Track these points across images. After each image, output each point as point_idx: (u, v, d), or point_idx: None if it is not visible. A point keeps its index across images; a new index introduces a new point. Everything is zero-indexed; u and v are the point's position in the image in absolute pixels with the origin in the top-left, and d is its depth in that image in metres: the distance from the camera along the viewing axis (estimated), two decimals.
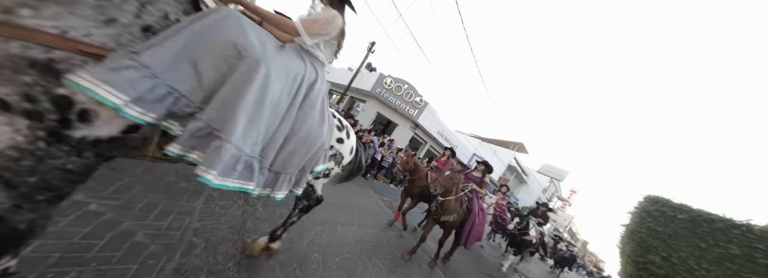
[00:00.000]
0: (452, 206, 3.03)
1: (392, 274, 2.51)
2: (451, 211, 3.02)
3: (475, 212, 3.23)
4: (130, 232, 1.38)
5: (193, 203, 1.92)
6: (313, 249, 2.21)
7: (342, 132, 1.51)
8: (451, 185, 2.94)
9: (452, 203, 3.03)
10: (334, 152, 1.49)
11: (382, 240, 3.21)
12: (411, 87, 10.58)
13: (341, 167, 1.64)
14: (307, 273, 1.89)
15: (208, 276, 1.41)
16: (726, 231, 6.78)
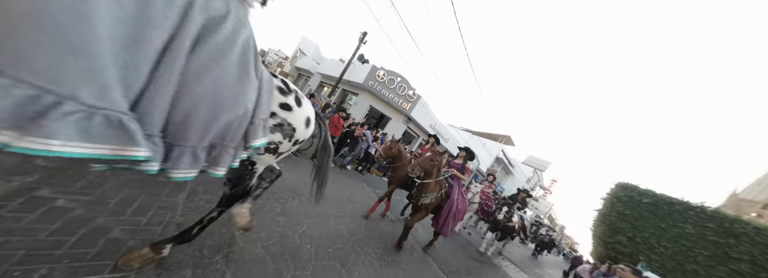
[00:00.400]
0: (431, 188, 2.93)
1: (383, 261, 2.57)
2: (429, 193, 2.93)
3: (453, 198, 3.10)
4: (105, 228, 1.30)
5: (175, 198, 1.84)
6: (305, 241, 2.20)
7: (288, 97, 1.18)
8: (430, 167, 2.83)
9: (431, 185, 2.93)
10: (279, 121, 1.16)
11: (374, 230, 3.26)
12: (404, 80, 10.49)
13: (295, 142, 1.30)
14: (300, 263, 1.89)
15: (194, 270, 1.37)
16: (683, 213, 7.61)
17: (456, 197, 3.14)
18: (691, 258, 7.11)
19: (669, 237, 7.55)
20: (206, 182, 2.28)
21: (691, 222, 7.38)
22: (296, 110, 1.23)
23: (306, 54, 18.74)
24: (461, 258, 4.04)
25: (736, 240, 6.72)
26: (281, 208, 2.53)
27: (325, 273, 1.94)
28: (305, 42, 20.23)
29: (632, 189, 8.73)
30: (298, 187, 3.28)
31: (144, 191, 1.74)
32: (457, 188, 3.25)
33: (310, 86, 15.72)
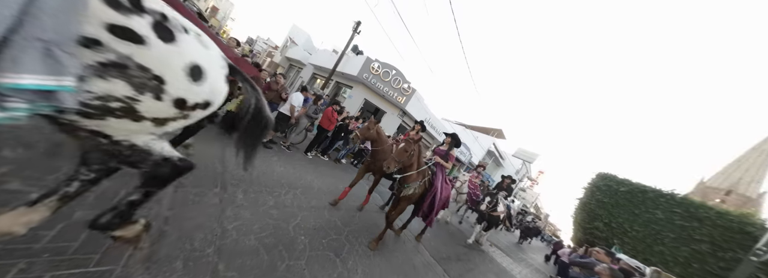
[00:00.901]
0: (413, 178, 2.73)
1: (377, 250, 2.63)
2: (411, 183, 2.73)
3: (436, 186, 2.91)
4: (86, 221, 1.24)
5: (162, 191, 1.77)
6: (299, 233, 2.21)
7: (132, 17, 0.69)
8: (407, 160, 2.58)
9: (413, 175, 2.73)
10: (114, 58, 0.68)
11: (369, 221, 3.31)
12: (399, 73, 10.32)
13: (180, 105, 0.83)
14: (294, 254, 1.90)
15: (185, 262, 1.35)
16: (655, 200, 8.25)
17: (440, 185, 2.97)
18: (659, 241, 7.78)
19: (641, 222, 8.20)
20: (194, 174, 2.21)
21: (662, 208, 8.03)
22: (157, 46, 0.73)
23: (297, 44, 17.95)
24: (452, 246, 4.21)
25: (699, 223, 7.39)
26: (274, 201, 2.50)
27: (320, 262, 1.97)
28: (296, 31, 19.36)
29: (611, 179, 9.32)
30: (292, 181, 3.25)
31: (126, 183, 1.66)
32: (441, 176, 3.06)
33: (302, 77, 15.20)
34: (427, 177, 2.89)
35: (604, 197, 9.13)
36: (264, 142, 4.11)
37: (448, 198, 3.37)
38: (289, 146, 4.71)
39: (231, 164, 2.82)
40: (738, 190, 25.55)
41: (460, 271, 3.33)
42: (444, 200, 3.16)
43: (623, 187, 8.94)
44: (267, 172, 3.12)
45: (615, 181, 9.24)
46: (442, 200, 3.07)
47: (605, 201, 9.06)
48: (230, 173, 2.61)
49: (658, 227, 7.95)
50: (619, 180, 9.21)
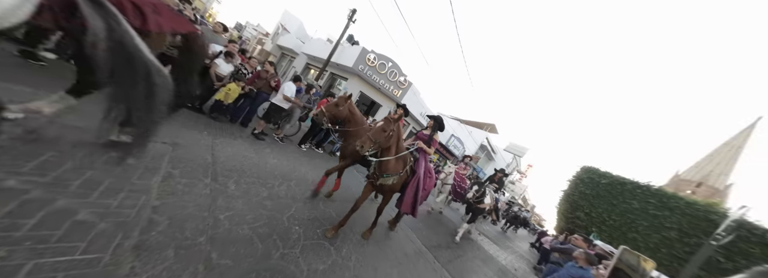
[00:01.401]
0: (393, 167, 2.39)
1: (371, 239, 2.70)
2: (391, 173, 2.39)
3: (419, 174, 2.62)
4: (69, 210, 1.20)
5: (148, 181, 1.73)
6: (294, 223, 2.22)
7: None
8: (384, 140, 2.19)
9: (393, 163, 2.38)
10: None
11: (363, 212, 3.37)
12: (395, 65, 10.09)
13: None
14: (288, 243, 1.92)
15: (176, 251, 1.34)
16: (632, 191, 8.77)
17: (423, 173, 2.67)
18: (633, 229, 8.37)
19: (618, 211, 8.76)
20: (183, 165, 2.15)
21: (638, 198, 8.58)
22: None
23: (289, 31, 17.19)
24: (442, 235, 4.37)
25: (670, 212, 7.97)
26: (268, 192, 2.49)
27: (315, 251, 2.00)
28: (288, 17, 18.47)
29: (594, 172, 9.80)
30: (286, 173, 3.23)
31: (110, 173, 1.61)
32: (424, 163, 2.74)
33: (295, 67, 14.68)
34: (409, 165, 2.58)
35: (586, 189, 9.62)
36: (256, 134, 4.02)
37: (431, 187, 3.06)
38: (282, 137, 4.63)
39: (222, 155, 2.77)
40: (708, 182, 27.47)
41: (449, 258, 3.48)
42: (427, 192, 2.88)
43: (604, 179, 9.43)
44: (260, 164, 3.07)
45: (597, 174, 9.73)
46: (425, 190, 2.80)
47: (587, 193, 9.57)
48: (221, 164, 2.56)
49: (634, 216, 8.52)
50: (601, 173, 9.69)
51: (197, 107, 3.81)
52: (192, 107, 3.71)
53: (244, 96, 4.11)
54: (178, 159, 2.21)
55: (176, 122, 2.94)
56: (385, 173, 2.41)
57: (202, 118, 3.64)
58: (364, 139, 2.12)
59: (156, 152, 2.13)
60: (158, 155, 2.10)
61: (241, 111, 4.24)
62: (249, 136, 3.93)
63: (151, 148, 2.14)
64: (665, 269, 7.33)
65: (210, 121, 3.70)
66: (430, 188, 2.98)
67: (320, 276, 1.78)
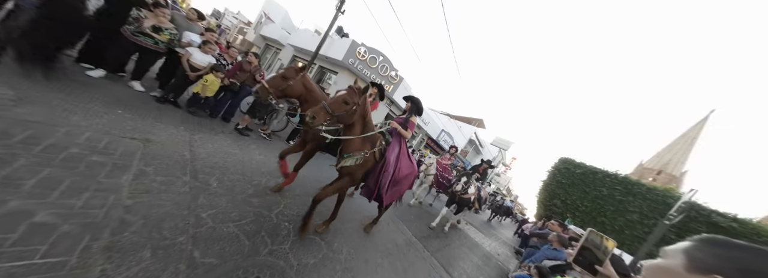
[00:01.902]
0: (356, 146, 1.97)
1: (362, 231, 2.72)
2: (353, 152, 1.96)
3: (390, 159, 2.17)
4: (25, 211, 1.08)
5: (118, 180, 1.59)
6: (283, 220, 2.17)
7: None
8: (346, 115, 1.76)
9: (356, 142, 1.96)
10: None
11: (355, 206, 3.37)
12: (386, 60, 9.87)
13: None
14: (277, 239, 1.88)
15: (154, 251, 1.27)
16: (602, 179, 9.56)
17: (395, 157, 2.23)
18: (602, 213, 9.20)
19: (590, 198, 9.57)
20: (157, 162, 2.01)
21: (606, 186, 9.39)
22: None
23: (273, 21, 16.24)
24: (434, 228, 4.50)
25: (633, 197, 8.82)
26: (254, 190, 2.40)
27: (305, 246, 1.98)
28: (271, 5, 17.39)
29: (570, 163, 10.54)
30: (273, 170, 3.12)
31: (72, 172, 1.46)
32: (398, 147, 2.32)
33: (281, 59, 13.97)
34: (378, 147, 2.10)
35: (562, 179, 10.36)
36: (239, 129, 3.83)
37: (411, 177, 2.62)
38: (269, 133, 4.45)
39: (202, 151, 2.61)
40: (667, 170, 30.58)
41: (438, 247, 3.61)
42: (404, 179, 2.46)
43: (579, 169, 10.19)
44: (245, 160, 2.95)
45: (572, 164, 10.47)
46: (402, 178, 2.39)
47: (563, 182, 10.31)
48: (202, 160, 2.42)
49: (602, 202, 9.35)
50: (576, 163, 10.45)
51: (171, 100, 3.53)
52: (164, 100, 3.43)
53: (225, 89, 3.88)
54: (152, 156, 2.05)
55: (148, 117, 2.72)
56: (347, 153, 1.97)
57: (178, 112, 3.39)
58: (318, 109, 1.64)
59: (125, 148, 1.96)
60: (128, 152, 1.94)
61: (222, 105, 4.00)
62: (232, 131, 3.73)
63: (119, 144, 1.97)
64: (627, 248, 8.18)
65: (187, 115, 3.46)
66: (409, 173, 2.51)
67: (311, 269, 1.77)
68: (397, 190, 2.48)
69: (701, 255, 0.41)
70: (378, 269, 2.22)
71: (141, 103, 3.03)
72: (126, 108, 2.65)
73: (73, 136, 1.77)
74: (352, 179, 2.08)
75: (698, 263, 0.40)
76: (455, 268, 3.20)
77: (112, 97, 2.75)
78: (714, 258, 0.39)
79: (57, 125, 1.80)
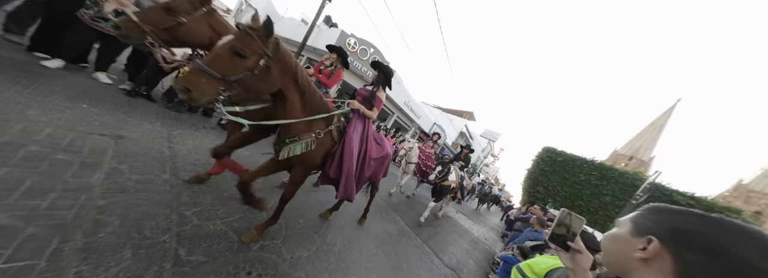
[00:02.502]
0: (299, 128, 1.47)
1: (356, 224, 2.75)
2: (298, 135, 1.47)
3: (352, 142, 1.69)
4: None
5: (88, 179, 1.48)
6: None
7: None
8: (249, 75, 1.08)
9: (302, 127, 1.48)
10: None
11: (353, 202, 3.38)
12: (377, 51, 9.58)
13: None
14: (269, 234, 1.86)
15: (134, 251, 1.21)
16: (581, 166, 10.22)
17: (357, 138, 1.76)
18: (579, 197, 9.94)
19: (569, 184, 10.27)
20: (132, 159, 1.88)
21: (584, 172, 10.08)
22: None
23: (255, 8, 15.21)
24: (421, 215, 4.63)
25: (607, 181, 9.55)
26: None
27: (298, 240, 1.98)
28: None
29: (552, 151, 11.15)
30: None
31: (34, 171, 1.33)
32: (361, 126, 1.82)
33: None
34: (336, 124, 1.64)
35: (545, 167, 10.98)
36: (223, 124, 3.64)
37: (385, 161, 2.20)
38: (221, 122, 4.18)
39: (183, 148, 2.47)
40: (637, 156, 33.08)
41: (429, 235, 3.73)
42: (377, 163, 2.04)
43: (560, 157, 10.82)
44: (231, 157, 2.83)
45: (554, 153, 11.09)
46: (374, 161, 1.96)
47: (545, 170, 10.94)
48: (183, 157, 2.30)
49: (580, 187, 10.06)
50: (557, 152, 11.07)
51: (144, 93, 3.27)
52: (136, 93, 3.17)
53: None
54: (125, 153, 1.92)
55: (118, 112, 2.51)
56: (288, 138, 1.45)
57: (153, 106, 3.16)
58: (192, 74, 0.97)
59: (94, 146, 1.81)
60: (98, 150, 1.79)
61: None
62: (215, 127, 3.55)
63: (86, 141, 1.82)
64: (600, 227, 8.93)
65: (163, 110, 3.23)
66: (383, 161, 2.13)
67: (305, 261, 1.78)
68: (370, 176, 2.06)
69: (643, 220, 0.45)
70: (372, 258, 2.27)
71: (109, 96, 2.79)
72: (92, 102, 2.43)
73: (30, 133, 1.61)
74: (306, 168, 1.62)
75: (640, 227, 0.45)
76: (446, 253, 3.35)
77: (74, 90, 2.50)
78: (652, 222, 0.44)
79: (11, 120, 1.62)
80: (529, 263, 1.96)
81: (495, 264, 3.60)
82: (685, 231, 0.40)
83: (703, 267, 0.37)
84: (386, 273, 2.16)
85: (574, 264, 0.58)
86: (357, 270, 1.99)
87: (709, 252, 0.37)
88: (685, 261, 0.39)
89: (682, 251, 0.39)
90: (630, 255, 0.44)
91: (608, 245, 0.50)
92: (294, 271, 1.64)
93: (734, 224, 0.38)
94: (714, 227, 0.39)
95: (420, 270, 2.50)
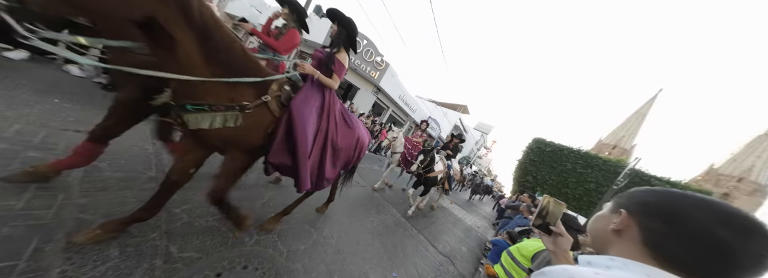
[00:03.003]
0: (207, 90, 1.03)
1: (351, 217, 2.77)
2: (205, 105, 1.03)
3: (303, 121, 1.29)
4: None
5: (65, 177, 1.40)
6: (269, 211, 2.12)
7: None
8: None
9: (211, 87, 1.03)
10: None
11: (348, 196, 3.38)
12: (371, 44, 9.21)
13: None
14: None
15: (122, 249, 1.17)
16: (568, 155, 10.62)
17: (312, 117, 1.37)
18: (565, 185, 10.42)
19: (556, 173, 10.72)
20: (112, 156, 1.79)
21: (570, 161, 10.52)
22: None
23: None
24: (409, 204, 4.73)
25: (591, 169, 10.02)
26: None
27: (293, 234, 1.97)
28: None
29: (541, 142, 11.52)
30: None
31: (3, 170, 1.24)
32: (317, 101, 1.42)
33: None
34: (274, 94, 1.24)
35: (534, 157, 11.37)
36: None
37: (358, 145, 1.82)
38: None
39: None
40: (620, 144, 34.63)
41: (425, 225, 3.83)
42: (346, 147, 1.66)
43: (548, 148, 11.20)
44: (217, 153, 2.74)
45: (544, 143, 11.47)
46: (338, 151, 1.59)
47: (535, 160, 11.33)
48: (167, 153, 2.21)
49: (566, 175, 10.53)
50: (546, 142, 11.45)
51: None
52: (114, 88, 2.99)
53: None
54: (105, 151, 1.82)
55: (94, 107, 2.36)
56: (190, 103, 1.03)
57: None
58: None
59: (69, 142, 1.71)
60: (72, 147, 1.70)
61: None
62: None
63: (60, 138, 1.71)
64: (584, 212, 9.46)
65: None
66: (358, 145, 1.78)
67: (302, 254, 1.79)
68: (343, 166, 1.73)
69: (620, 199, 0.51)
70: (368, 248, 2.31)
71: (83, 91, 2.62)
72: (64, 96, 2.27)
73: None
74: (240, 153, 1.25)
75: (616, 205, 0.51)
76: (440, 242, 3.45)
77: (44, 83, 2.33)
78: (625, 199, 0.50)
79: None
80: (517, 246, 2.07)
81: (486, 250, 3.76)
82: (649, 203, 0.45)
83: (663, 232, 0.41)
84: (383, 262, 2.21)
85: (556, 246, 0.64)
86: (354, 260, 2.02)
87: (666, 220, 0.42)
88: (648, 228, 0.43)
89: (646, 220, 0.44)
90: (607, 228, 0.49)
91: (592, 224, 0.55)
92: (291, 264, 1.65)
93: (689, 195, 0.43)
94: (672, 198, 0.44)
95: (415, 259, 2.57)
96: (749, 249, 0.36)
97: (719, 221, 0.38)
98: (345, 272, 1.82)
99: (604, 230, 0.50)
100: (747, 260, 0.36)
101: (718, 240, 0.37)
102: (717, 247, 0.37)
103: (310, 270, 1.68)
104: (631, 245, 0.44)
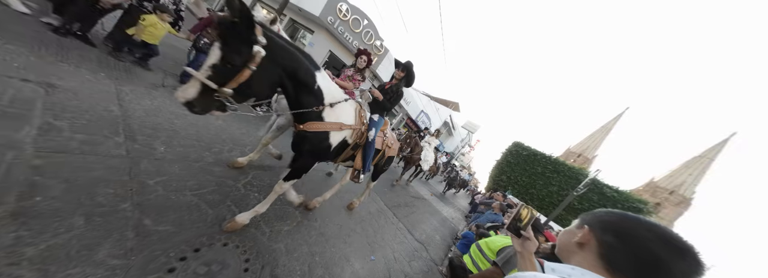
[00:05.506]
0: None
1: (338, 203, 2.78)
2: None
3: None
4: None
5: (14, 133, 1.20)
6: (252, 190, 2.03)
7: None
8: None
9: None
10: None
11: (331, 178, 3.35)
12: (371, 25, 8.46)
13: None
14: (245, 208, 1.77)
15: (88, 218, 1.06)
16: (540, 160, 11.56)
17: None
18: (534, 186, 11.49)
19: (527, 174, 11.70)
20: (72, 115, 1.57)
21: (541, 165, 11.50)
22: None
23: None
24: (402, 196, 4.88)
25: (557, 174, 11.05)
26: (215, 158, 2.13)
27: (277, 215, 1.93)
28: None
29: (519, 146, 12.33)
30: (237, 137, 2.77)
31: None
32: None
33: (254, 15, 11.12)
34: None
35: (511, 159, 12.20)
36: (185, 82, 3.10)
37: None
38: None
39: (138, 108, 2.12)
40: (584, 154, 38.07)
41: (405, 213, 3.98)
42: None
43: (525, 152, 12.06)
44: (199, 124, 2.52)
45: (522, 147, 12.28)
46: None
47: (511, 162, 12.18)
48: (139, 119, 1.98)
49: (536, 178, 11.53)
50: (524, 147, 12.29)
51: (77, 33, 2.60)
52: (67, 32, 2.50)
53: None
54: (61, 107, 1.58)
55: (45, 53, 2.00)
56: None
57: (92, 52, 2.56)
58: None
59: (17, 93, 1.45)
60: (22, 99, 1.44)
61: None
62: (176, 86, 3.08)
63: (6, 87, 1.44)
64: (544, 211, 10.57)
65: (107, 58, 2.65)
66: None
67: (285, 235, 1.77)
68: None
69: (586, 217, 0.60)
70: (351, 233, 2.36)
71: (30, 31, 2.20)
72: (6, 36, 1.89)
73: None
74: None
75: (582, 222, 0.60)
76: (417, 230, 3.63)
77: None
78: (589, 217, 0.59)
79: None
80: (486, 241, 2.26)
81: (457, 239, 4.05)
82: (606, 222, 0.55)
83: (616, 246, 0.50)
84: (363, 246, 2.28)
85: (523, 248, 0.72)
86: (336, 243, 2.05)
87: (618, 236, 0.51)
88: (605, 242, 0.52)
89: (604, 235, 0.53)
90: (572, 241, 0.57)
91: (561, 237, 0.63)
92: (273, 243, 1.63)
93: (640, 218, 0.52)
94: (626, 219, 0.53)
95: (393, 244, 2.69)
96: (680, 266, 0.44)
97: (660, 241, 0.46)
98: (326, 254, 1.85)
99: (569, 242, 0.58)
100: (678, 275, 0.44)
101: (657, 256, 0.45)
102: (655, 263, 0.45)
103: (293, 250, 1.68)
104: (589, 256, 0.52)
